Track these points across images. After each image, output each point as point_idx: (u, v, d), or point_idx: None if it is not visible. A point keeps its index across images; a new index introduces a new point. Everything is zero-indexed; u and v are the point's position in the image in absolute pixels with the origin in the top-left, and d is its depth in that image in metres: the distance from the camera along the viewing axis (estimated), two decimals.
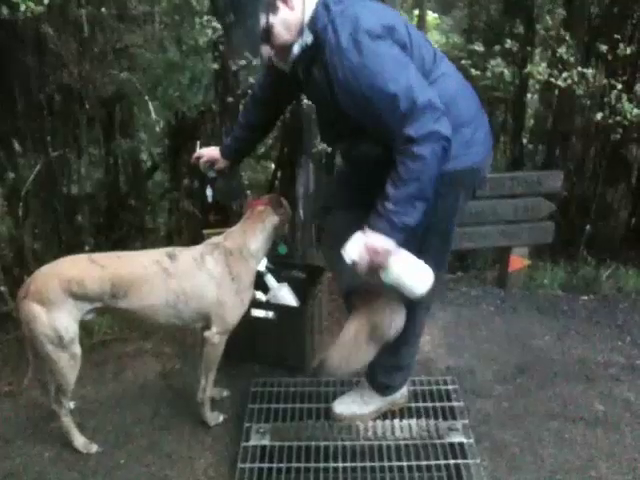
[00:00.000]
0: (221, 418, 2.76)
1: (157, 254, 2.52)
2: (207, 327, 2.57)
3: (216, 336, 2.57)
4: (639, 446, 2.66)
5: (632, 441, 2.69)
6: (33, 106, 3.70)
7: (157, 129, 3.86)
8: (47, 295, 2.31)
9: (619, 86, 4.06)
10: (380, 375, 2.68)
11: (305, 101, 3.52)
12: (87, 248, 3.77)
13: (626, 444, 2.67)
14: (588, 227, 4.50)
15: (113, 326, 3.38)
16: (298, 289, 3.36)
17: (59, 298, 2.32)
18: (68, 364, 2.42)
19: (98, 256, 2.48)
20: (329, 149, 4.10)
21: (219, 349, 2.61)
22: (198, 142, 3.23)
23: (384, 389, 2.71)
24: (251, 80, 3.81)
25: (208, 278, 2.51)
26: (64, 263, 2.44)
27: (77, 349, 2.42)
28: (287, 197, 2.92)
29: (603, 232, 4.80)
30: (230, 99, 4.00)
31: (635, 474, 2.51)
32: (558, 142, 4.97)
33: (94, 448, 2.60)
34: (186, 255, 2.54)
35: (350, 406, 2.72)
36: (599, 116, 4.12)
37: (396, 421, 2.72)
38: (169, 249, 2.57)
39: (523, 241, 3.95)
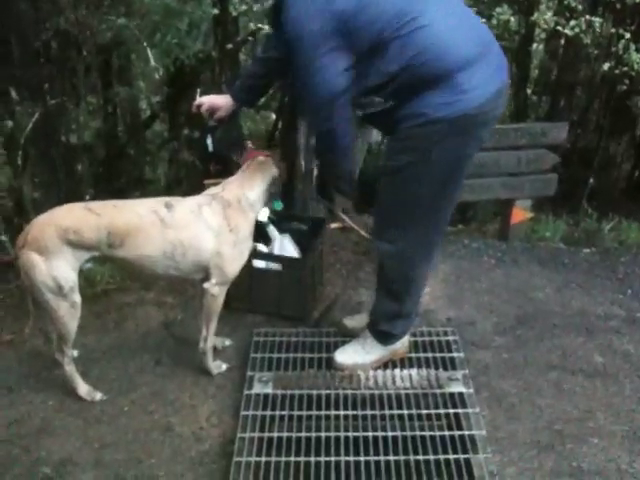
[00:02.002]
0: (224, 367, 2.78)
1: (154, 203, 2.49)
2: (206, 278, 2.57)
3: (215, 287, 2.56)
4: (637, 397, 2.69)
5: (630, 392, 2.72)
6: (30, 53, 3.63)
7: (156, 77, 3.80)
8: (45, 244, 2.30)
9: (627, 35, 3.98)
10: (382, 324, 2.69)
11: None
12: (87, 198, 3.76)
13: (624, 395, 2.70)
14: (591, 180, 4.48)
15: (114, 276, 3.38)
16: (299, 241, 3.35)
17: (57, 247, 2.31)
18: (68, 313, 2.42)
19: (94, 205, 2.46)
20: None
21: (219, 300, 2.61)
22: (198, 90, 3.18)
23: (385, 338, 2.72)
24: (251, 26, 3.73)
25: (205, 229, 2.48)
26: (60, 212, 2.41)
27: (77, 298, 2.42)
28: (288, 148, 2.89)
29: (605, 185, 4.78)
30: (230, 46, 3.93)
31: (633, 425, 2.54)
32: (563, 93, 4.91)
33: (98, 396, 2.62)
34: (183, 205, 2.51)
35: (352, 356, 2.74)
36: (606, 66, 4.05)
37: (397, 371, 2.74)
38: (166, 199, 2.54)
39: (526, 193, 3.92)
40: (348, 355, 2.74)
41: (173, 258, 2.46)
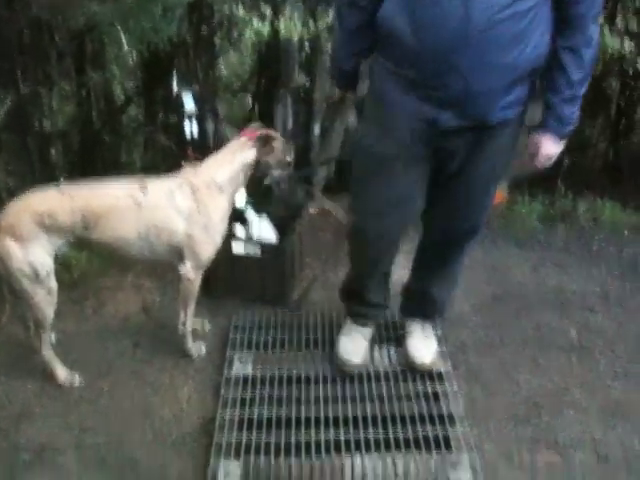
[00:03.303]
0: (203, 349, 2.78)
1: (128, 185, 2.47)
2: (182, 262, 2.56)
3: (190, 271, 2.55)
4: (612, 372, 2.74)
5: (605, 367, 2.77)
6: (1, 40, 3.57)
7: (130, 62, 3.75)
8: (20, 230, 2.28)
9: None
10: (448, 307, 2.79)
11: (283, 32, 3.43)
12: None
13: (599, 370, 2.75)
14: (566, 160, 4.50)
15: (92, 261, 3.36)
16: (277, 223, 3.35)
17: (32, 232, 2.29)
18: (45, 299, 2.41)
19: (68, 187, 2.44)
20: (307, 83, 4.01)
21: (195, 284, 2.60)
22: (175, 74, 3.16)
23: (439, 317, 2.82)
24: (226, 10, 3.69)
25: (176, 212, 2.45)
26: (35, 196, 2.39)
27: (53, 284, 2.41)
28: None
29: (581, 165, 4.81)
30: (205, 30, 3.89)
31: (607, 398, 2.59)
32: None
33: (77, 380, 2.62)
34: (157, 187, 2.48)
35: (429, 351, 2.69)
36: None
37: (376, 350, 2.77)
38: (141, 180, 2.51)
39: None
40: (427, 352, 2.68)
41: (147, 240, 2.45)
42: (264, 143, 2.59)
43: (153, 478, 2.21)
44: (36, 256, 2.32)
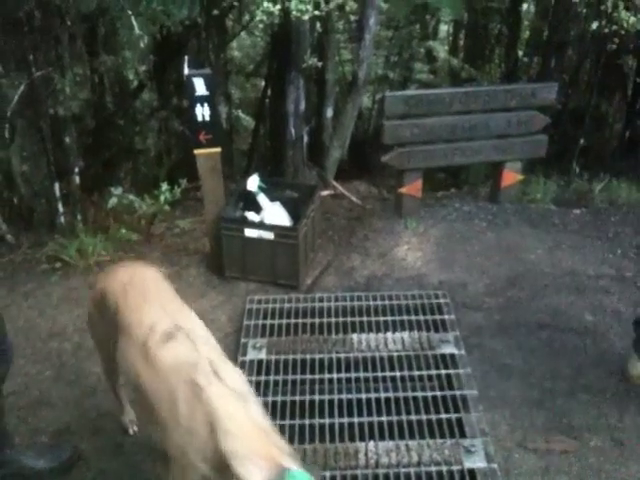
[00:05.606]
0: None
1: (178, 321, 1.82)
2: None
3: None
4: (627, 354, 2.72)
5: (621, 350, 2.75)
6: (12, 23, 3.57)
7: (142, 45, 3.74)
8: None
9: None
10: None
11: (294, 12, 3.39)
12: (76, 170, 3.73)
13: (614, 352, 2.73)
14: (582, 140, 4.46)
15: (107, 248, 3.38)
16: (291, 208, 3.35)
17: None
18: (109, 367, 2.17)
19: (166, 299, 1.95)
20: (319, 64, 3.98)
21: None
22: (186, 58, 3.14)
23: None
24: None
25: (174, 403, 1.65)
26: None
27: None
28: (278, 114, 2.85)
29: (596, 144, 4.77)
30: (216, 12, 3.87)
31: (622, 381, 2.57)
32: (553, 53, 4.87)
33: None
34: (190, 369, 1.67)
35: None
36: (595, 25, 4.01)
37: (389, 334, 2.77)
38: (212, 355, 1.72)
39: (516, 155, 3.90)
40: None
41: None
42: None
43: None
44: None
